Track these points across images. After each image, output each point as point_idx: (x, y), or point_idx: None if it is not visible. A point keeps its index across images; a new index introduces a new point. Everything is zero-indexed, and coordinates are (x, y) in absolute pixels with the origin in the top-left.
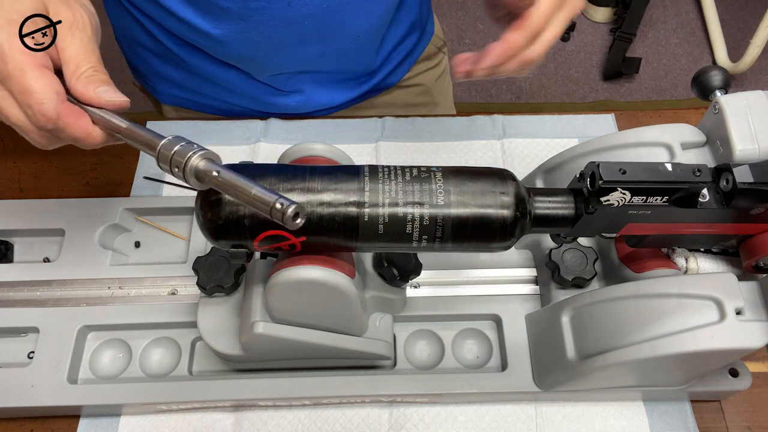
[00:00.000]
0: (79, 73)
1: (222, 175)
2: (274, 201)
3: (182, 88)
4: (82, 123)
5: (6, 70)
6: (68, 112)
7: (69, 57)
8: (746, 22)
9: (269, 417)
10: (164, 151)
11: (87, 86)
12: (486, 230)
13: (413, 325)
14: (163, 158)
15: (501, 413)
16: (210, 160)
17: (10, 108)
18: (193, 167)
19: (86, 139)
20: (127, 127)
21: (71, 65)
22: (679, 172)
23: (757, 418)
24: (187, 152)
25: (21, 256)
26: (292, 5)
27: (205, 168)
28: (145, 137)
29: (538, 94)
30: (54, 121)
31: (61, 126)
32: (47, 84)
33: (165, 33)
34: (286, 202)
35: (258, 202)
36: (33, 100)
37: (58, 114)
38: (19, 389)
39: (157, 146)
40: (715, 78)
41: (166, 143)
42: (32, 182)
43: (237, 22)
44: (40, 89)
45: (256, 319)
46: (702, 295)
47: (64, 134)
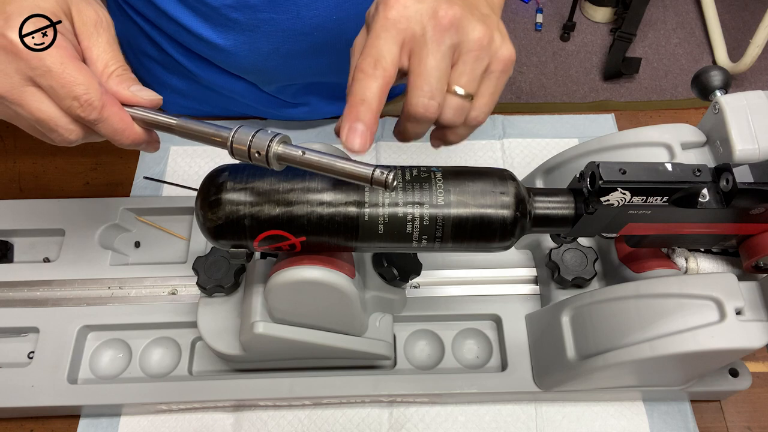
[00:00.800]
0: (109, 72)
1: (307, 155)
2: (373, 171)
3: (188, 98)
4: (124, 114)
5: (44, 66)
6: (111, 102)
7: (96, 56)
8: (746, 22)
9: (269, 417)
10: (239, 141)
11: (121, 84)
12: (486, 230)
13: (413, 325)
14: (239, 149)
15: (501, 413)
16: (286, 142)
17: (40, 104)
18: (277, 152)
19: (125, 131)
20: (178, 123)
21: (99, 64)
22: (679, 172)
23: (757, 418)
24: (266, 139)
25: (21, 256)
26: (300, 17)
27: (289, 151)
28: (205, 130)
29: (538, 94)
30: (99, 110)
31: (106, 115)
32: (89, 75)
33: (171, 43)
34: (384, 171)
35: (352, 176)
36: (79, 91)
37: (103, 103)
38: (19, 389)
39: (228, 137)
40: (715, 78)
41: (237, 135)
42: (32, 182)
43: (245, 32)
44: (84, 80)
45: (256, 319)
46: (702, 295)
47: (105, 125)
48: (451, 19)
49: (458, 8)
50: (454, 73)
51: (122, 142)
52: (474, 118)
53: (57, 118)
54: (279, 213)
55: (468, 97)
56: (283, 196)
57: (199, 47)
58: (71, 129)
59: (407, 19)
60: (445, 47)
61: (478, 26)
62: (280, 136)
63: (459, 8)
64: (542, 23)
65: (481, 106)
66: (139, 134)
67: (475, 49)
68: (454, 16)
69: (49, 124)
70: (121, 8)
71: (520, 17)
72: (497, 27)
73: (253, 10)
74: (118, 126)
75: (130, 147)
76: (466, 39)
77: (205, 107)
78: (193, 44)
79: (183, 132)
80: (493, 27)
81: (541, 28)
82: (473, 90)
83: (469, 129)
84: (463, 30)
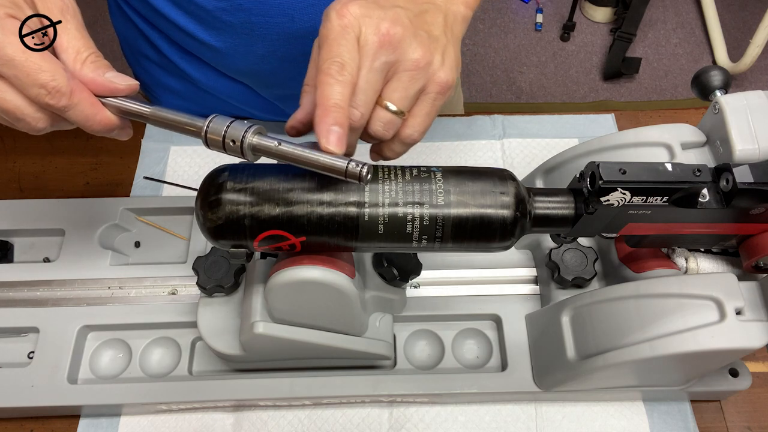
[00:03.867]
0: (83, 59)
1: (282, 146)
2: (347, 163)
3: (185, 100)
4: (93, 99)
5: (6, 56)
6: (80, 88)
7: (67, 43)
8: (746, 22)
9: (269, 417)
10: (213, 131)
11: (96, 71)
12: (486, 230)
13: (413, 325)
14: (213, 139)
15: (501, 413)
16: (261, 133)
17: (5, 94)
18: (251, 143)
19: (96, 115)
20: (152, 111)
21: (71, 52)
22: (679, 172)
23: (757, 418)
24: (242, 129)
25: (21, 256)
26: (295, 20)
27: (264, 142)
28: (179, 119)
29: (538, 94)
30: (68, 96)
31: (75, 101)
32: (54, 61)
33: (169, 45)
34: (359, 164)
35: (327, 168)
36: (45, 78)
37: (72, 89)
38: (19, 389)
39: (203, 127)
40: (715, 78)
41: (213, 125)
42: (32, 182)
43: (240, 35)
44: (49, 67)
45: (256, 319)
46: (702, 295)
47: (74, 111)
48: (392, 38)
49: (401, 28)
50: (387, 90)
51: (93, 128)
52: (408, 135)
53: (23, 107)
54: (279, 213)
55: (399, 114)
56: (283, 196)
57: (196, 49)
58: (38, 117)
59: (357, 28)
60: (378, 63)
61: (419, 48)
62: (256, 127)
63: (402, 28)
64: (542, 23)
65: (415, 125)
66: (110, 120)
67: (411, 69)
68: (395, 35)
69: (15, 113)
70: (121, 9)
71: (520, 17)
72: (443, 51)
73: (246, 13)
74: (88, 111)
75: (102, 134)
76: (403, 58)
77: (203, 110)
78: (190, 46)
79: (157, 121)
80: (436, 50)
81: (541, 28)
82: (405, 107)
83: (404, 146)
84: (401, 49)
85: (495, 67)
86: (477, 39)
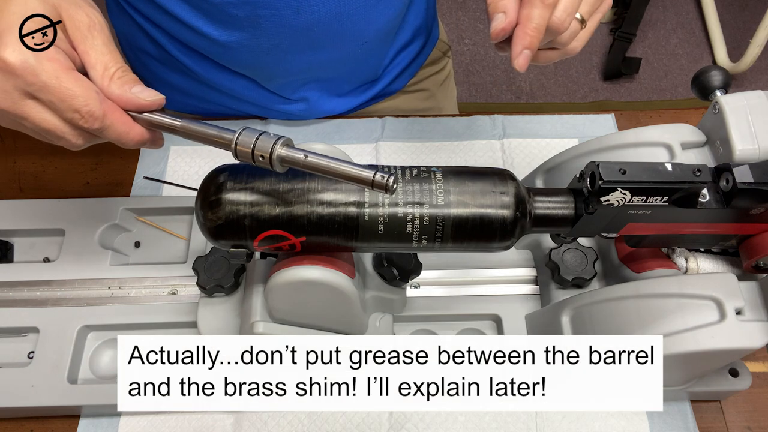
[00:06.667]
0: (110, 75)
1: (310, 158)
2: (374, 174)
3: (186, 95)
4: (126, 118)
5: (40, 82)
6: (112, 109)
7: (95, 60)
8: (746, 22)
9: (269, 417)
10: (243, 143)
11: (123, 87)
12: (486, 230)
13: (413, 325)
14: (243, 151)
15: (501, 413)
16: (289, 145)
17: (43, 115)
18: (280, 155)
19: (128, 133)
20: (182, 124)
21: (98, 68)
22: (679, 172)
23: (757, 418)
24: (270, 141)
25: (21, 256)
26: (301, 12)
27: (292, 154)
28: (209, 132)
29: (538, 94)
30: (101, 119)
31: (108, 123)
32: (86, 85)
33: (170, 40)
34: (385, 174)
35: (354, 179)
36: (78, 104)
37: (104, 112)
38: (19, 389)
39: (232, 140)
40: (715, 78)
41: (242, 138)
42: (32, 182)
43: (246, 29)
44: (82, 92)
45: (256, 319)
46: (702, 295)
47: (108, 132)
48: None
49: None
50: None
51: (127, 144)
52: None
53: (62, 128)
54: (279, 213)
55: (582, 23)
56: (283, 196)
57: (199, 44)
58: (77, 135)
59: None
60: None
61: None
62: (284, 139)
63: None
64: None
65: (582, 37)
66: (143, 135)
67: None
68: None
69: (55, 133)
70: (120, 6)
71: None
72: None
73: (253, 6)
74: (121, 130)
75: (135, 147)
76: None
77: (204, 104)
78: (192, 41)
79: (187, 134)
80: None
81: None
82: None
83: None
84: None
85: (495, 67)
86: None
